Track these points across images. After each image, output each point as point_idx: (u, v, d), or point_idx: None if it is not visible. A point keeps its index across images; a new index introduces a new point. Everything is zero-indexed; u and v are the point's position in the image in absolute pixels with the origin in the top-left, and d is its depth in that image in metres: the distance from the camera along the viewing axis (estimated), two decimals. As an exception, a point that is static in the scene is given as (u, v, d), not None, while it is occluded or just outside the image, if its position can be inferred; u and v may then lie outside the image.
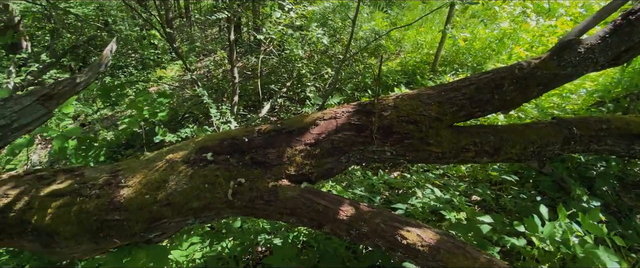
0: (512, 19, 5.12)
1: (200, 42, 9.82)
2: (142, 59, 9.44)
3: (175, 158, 1.47)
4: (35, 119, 1.20)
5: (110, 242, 1.41)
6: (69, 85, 1.18)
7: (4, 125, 1.15)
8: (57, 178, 1.45)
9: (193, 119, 5.33)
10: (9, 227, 1.37)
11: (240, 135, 1.53)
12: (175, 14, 12.10)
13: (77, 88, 1.27)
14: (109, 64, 1.69)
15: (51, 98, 1.10)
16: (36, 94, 1.08)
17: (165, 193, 1.37)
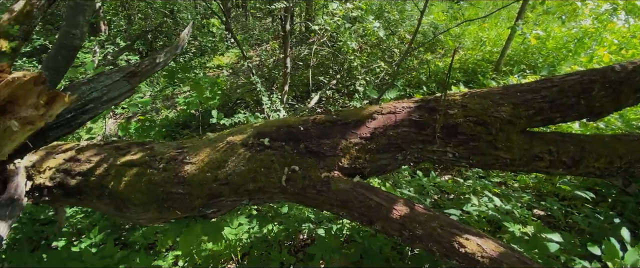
0: (595, 17, 4.52)
1: (255, 32, 10.16)
2: (200, 46, 10.06)
3: (235, 141, 1.52)
4: (121, 94, 1.33)
5: (173, 213, 1.52)
6: (151, 65, 1.28)
7: (96, 98, 1.29)
8: (131, 150, 1.60)
9: (244, 105, 5.57)
10: (89, 189, 1.54)
11: (296, 124, 1.54)
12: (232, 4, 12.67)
13: (157, 68, 1.38)
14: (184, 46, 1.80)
15: (135, 75, 1.21)
16: (124, 70, 1.19)
17: (225, 173, 1.43)
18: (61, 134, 1.31)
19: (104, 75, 1.17)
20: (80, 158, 1.60)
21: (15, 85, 0.73)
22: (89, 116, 1.34)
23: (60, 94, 0.78)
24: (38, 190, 1.62)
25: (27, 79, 0.73)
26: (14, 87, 0.73)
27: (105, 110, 1.39)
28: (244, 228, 2.19)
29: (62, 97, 0.79)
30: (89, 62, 3.43)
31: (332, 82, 4.09)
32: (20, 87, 0.74)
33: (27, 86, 0.75)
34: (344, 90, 4.21)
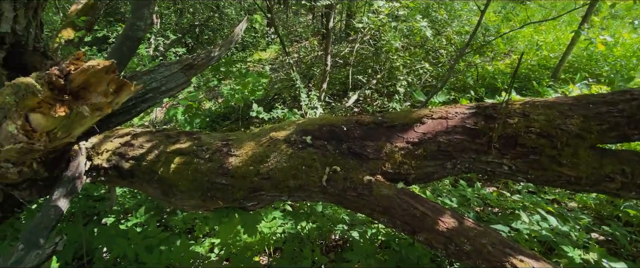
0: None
1: (295, 29, 10.28)
2: (242, 41, 10.38)
3: (278, 137, 1.53)
4: (178, 85, 1.39)
5: (215, 202, 1.56)
6: (206, 58, 1.32)
7: (155, 88, 1.36)
8: (180, 139, 1.66)
9: (281, 100, 5.65)
10: (141, 173, 1.63)
11: (339, 123, 1.52)
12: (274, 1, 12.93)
13: (212, 61, 1.43)
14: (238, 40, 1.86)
15: (192, 67, 1.26)
16: (181, 62, 1.25)
17: (267, 167, 1.44)
18: (122, 120, 1.40)
19: (164, 66, 1.22)
20: (134, 144, 1.69)
21: (89, 73, 0.78)
22: (147, 105, 1.41)
23: (127, 83, 0.82)
24: (95, 170, 1.74)
25: (100, 67, 0.78)
26: (88, 74, 0.78)
27: (161, 100, 1.47)
28: (277, 223, 2.21)
29: (128, 86, 0.83)
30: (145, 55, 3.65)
31: (372, 82, 4.01)
32: (94, 75, 0.79)
33: (100, 74, 0.80)
34: (384, 91, 4.11)
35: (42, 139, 0.92)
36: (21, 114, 0.81)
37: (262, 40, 10.17)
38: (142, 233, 2.20)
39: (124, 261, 2.15)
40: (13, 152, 0.94)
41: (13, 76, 1.12)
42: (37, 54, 1.11)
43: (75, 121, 0.92)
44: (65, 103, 0.80)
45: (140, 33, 1.42)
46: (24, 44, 1.05)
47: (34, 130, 0.89)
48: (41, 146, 0.92)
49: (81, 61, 0.81)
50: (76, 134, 1.02)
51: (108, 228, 2.38)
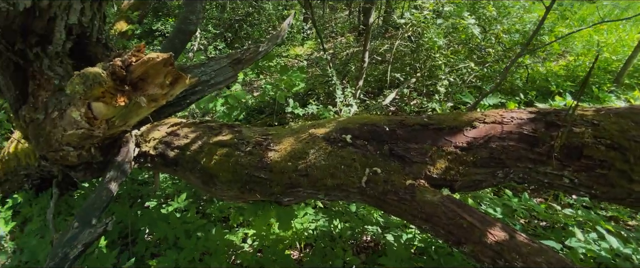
0: None
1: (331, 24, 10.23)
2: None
3: (317, 134, 1.51)
4: (226, 79, 1.42)
5: (252, 195, 1.58)
6: (254, 53, 1.34)
7: (205, 81, 1.40)
8: (222, 131, 1.70)
9: (315, 96, 5.66)
10: (185, 162, 1.69)
11: (381, 123, 1.47)
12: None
13: (259, 56, 1.45)
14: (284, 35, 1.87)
15: (240, 62, 1.28)
16: (230, 57, 1.27)
17: (305, 164, 1.43)
18: (173, 111, 1.45)
19: (214, 60, 1.26)
20: (179, 133, 1.76)
21: (149, 65, 0.81)
22: (197, 97, 1.45)
23: (182, 76, 0.84)
24: (143, 157, 1.84)
25: (159, 59, 0.80)
26: (147, 66, 0.81)
27: (209, 94, 1.51)
28: (309, 219, 2.21)
29: (184, 79, 0.86)
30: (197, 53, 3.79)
31: (411, 81, 3.87)
32: (152, 67, 0.82)
33: (158, 66, 0.82)
34: (423, 90, 3.96)
35: (102, 126, 0.98)
36: (84, 102, 0.87)
37: (297, 36, 10.23)
38: (181, 218, 2.30)
39: (164, 244, 2.26)
40: (75, 137, 1.01)
41: (77, 65, 1.20)
42: (100, 45, 1.18)
43: (132, 111, 0.96)
44: (125, 93, 0.84)
45: (192, 26, 1.47)
46: (89, 36, 1.12)
47: (95, 117, 0.94)
48: (100, 133, 0.97)
49: (142, 53, 0.84)
50: (132, 122, 1.07)
51: (151, 212, 2.52)
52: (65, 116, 1.07)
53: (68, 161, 1.34)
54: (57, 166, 1.48)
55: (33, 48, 1.02)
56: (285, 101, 2.68)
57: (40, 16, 0.95)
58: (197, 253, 1.97)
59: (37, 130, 1.27)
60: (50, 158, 1.38)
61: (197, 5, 1.44)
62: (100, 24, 1.12)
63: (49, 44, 1.04)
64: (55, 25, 0.98)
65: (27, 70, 1.16)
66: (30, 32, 0.98)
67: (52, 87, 1.17)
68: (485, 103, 2.20)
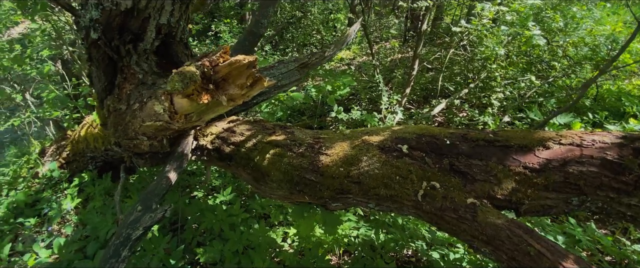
0: None
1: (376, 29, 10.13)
2: (322, 40, 10.63)
3: (371, 141, 1.49)
4: (291, 82, 1.46)
5: (301, 197, 1.60)
6: (320, 57, 1.36)
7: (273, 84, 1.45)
8: (276, 131, 1.74)
9: (357, 101, 5.62)
10: (239, 158, 1.75)
11: (441, 136, 1.41)
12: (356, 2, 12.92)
13: (325, 60, 1.47)
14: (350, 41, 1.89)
15: (306, 66, 1.31)
16: (298, 61, 1.30)
17: (357, 171, 1.41)
18: (240, 110, 1.52)
19: (282, 64, 1.30)
20: (235, 130, 1.83)
21: (234, 66, 0.85)
22: (263, 98, 1.51)
23: (262, 78, 0.87)
24: (200, 150, 1.94)
25: (245, 62, 0.84)
26: (232, 67, 0.85)
27: (276, 94, 1.56)
28: (350, 226, 2.19)
29: (262, 81, 0.89)
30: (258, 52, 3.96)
31: (463, 91, 3.69)
32: (237, 69, 0.86)
33: (242, 68, 0.86)
34: (475, 102, 3.75)
35: (180, 121, 1.04)
36: (168, 97, 0.93)
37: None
38: (227, 211, 2.40)
39: (209, 234, 2.37)
40: (151, 128, 1.09)
41: (159, 62, 1.29)
42: (181, 44, 1.27)
43: (210, 108, 1.01)
44: (209, 92, 0.89)
45: (262, 30, 1.53)
46: (174, 35, 1.21)
47: (175, 112, 1.01)
48: (177, 126, 1.04)
49: (227, 54, 0.88)
50: (206, 119, 1.13)
51: (198, 202, 2.65)
52: (145, 108, 1.16)
53: (139, 149, 1.45)
54: (127, 152, 1.61)
55: (126, 45, 1.12)
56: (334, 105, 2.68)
57: (136, 16, 1.04)
58: (240, 246, 2.04)
59: (117, 119, 1.39)
60: (124, 145, 1.51)
61: (269, 10, 1.49)
62: (184, 25, 1.20)
63: (140, 42, 1.13)
64: (148, 24, 1.08)
65: (117, 64, 1.28)
66: (126, 30, 1.08)
67: (137, 81, 1.28)
68: (555, 122, 2.02)
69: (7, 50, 3.27)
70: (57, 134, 4.00)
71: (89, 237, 2.63)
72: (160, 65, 1.25)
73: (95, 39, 1.05)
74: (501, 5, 3.03)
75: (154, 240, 2.05)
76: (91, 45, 1.12)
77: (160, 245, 2.00)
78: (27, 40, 4.38)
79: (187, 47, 1.32)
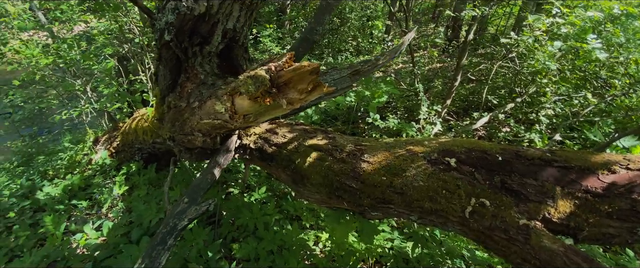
0: None
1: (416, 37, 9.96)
2: (358, 46, 10.62)
3: (416, 152, 1.46)
4: (342, 88, 1.49)
5: (339, 202, 1.60)
6: (372, 65, 1.37)
7: (324, 90, 1.49)
8: (317, 135, 1.77)
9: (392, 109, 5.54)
10: (280, 159, 1.80)
11: (492, 151, 1.35)
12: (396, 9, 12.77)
13: (376, 68, 1.48)
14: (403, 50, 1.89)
15: (358, 73, 1.33)
16: (351, 68, 1.33)
17: (401, 182, 1.39)
18: (290, 114, 1.56)
19: (335, 70, 1.33)
20: (277, 132, 1.88)
21: (297, 72, 0.89)
22: (313, 103, 1.54)
23: (322, 85, 0.90)
24: (242, 148, 2.01)
25: (309, 68, 0.87)
26: (296, 73, 0.88)
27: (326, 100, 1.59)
28: (384, 236, 2.15)
29: (322, 87, 0.91)
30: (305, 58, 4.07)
31: (509, 106, 3.50)
32: (299, 74, 0.89)
33: (305, 74, 0.89)
34: (521, 118, 3.55)
35: (239, 120, 1.09)
36: (229, 98, 0.98)
37: (378, 47, 10.19)
38: (262, 210, 2.46)
39: (245, 231, 2.44)
40: (208, 126, 1.16)
41: (220, 65, 1.37)
42: (242, 48, 1.34)
43: (268, 110, 1.06)
44: (272, 95, 0.93)
45: (316, 37, 1.58)
46: (237, 39, 1.28)
47: (236, 112, 1.06)
48: (233, 126, 1.10)
49: (291, 60, 0.92)
50: (262, 120, 1.18)
51: (236, 199, 2.74)
52: (204, 107, 1.23)
53: (192, 144, 1.54)
54: (178, 147, 1.71)
55: (194, 47, 1.21)
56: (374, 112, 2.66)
57: (207, 21, 1.12)
58: (274, 245, 2.07)
59: (176, 115, 1.49)
60: (178, 140, 1.61)
61: (325, 18, 1.53)
62: (247, 30, 1.27)
63: (206, 45, 1.21)
64: (216, 29, 1.15)
65: (182, 65, 1.37)
66: (196, 33, 1.16)
67: (198, 80, 1.36)
68: (618, 145, 1.86)
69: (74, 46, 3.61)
70: (110, 125, 4.33)
71: (133, 223, 2.81)
72: (220, 67, 1.32)
73: (168, 40, 1.14)
74: (556, 17, 2.86)
75: (194, 231, 2.14)
76: (163, 46, 1.22)
77: (200, 237, 2.09)
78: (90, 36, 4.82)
79: (246, 51, 1.39)
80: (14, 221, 3.15)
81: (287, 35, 9.75)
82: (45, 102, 4.48)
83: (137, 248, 2.17)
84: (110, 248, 2.43)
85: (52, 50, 3.41)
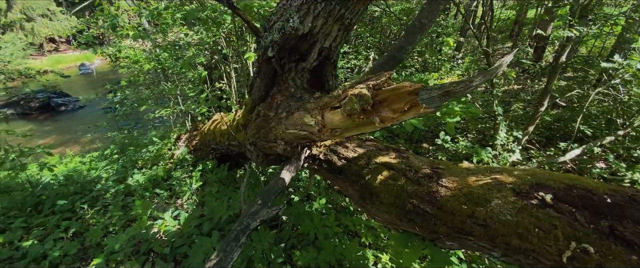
0: None
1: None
2: (424, 61, 10.28)
3: (504, 182, 1.35)
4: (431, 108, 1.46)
5: (410, 226, 1.54)
6: (465, 87, 1.33)
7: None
8: (389, 153, 1.74)
9: (461, 131, 5.21)
10: (350, 173, 1.81)
11: (599, 191, 1.18)
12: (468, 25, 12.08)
13: (469, 90, 1.43)
14: (500, 72, 1.81)
15: (449, 94, 1.29)
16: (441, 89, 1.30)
17: (484, 213, 1.30)
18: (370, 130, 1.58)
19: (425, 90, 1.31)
20: (347, 146, 1.90)
21: (395, 92, 0.90)
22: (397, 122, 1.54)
23: (418, 105, 0.90)
24: (311, 159, 2.07)
25: (410, 89, 0.88)
26: (394, 93, 0.90)
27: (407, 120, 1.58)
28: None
29: (419, 108, 0.91)
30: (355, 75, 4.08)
31: (607, 139, 3.03)
32: (397, 94, 0.91)
33: (403, 94, 0.91)
34: (622, 153, 3.04)
35: (327, 134, 1.14)
36: (320, 112, 1.04)
37: (446, 64, 9.75)
38: (322, 221, 2.49)
39: (304, 239, 2.49)
40: (292, 136, 1.23)
41: (311, 79, 1.46)
42: (332, 65, 1.41)
43: (358, 127, 1.09)
44: (366, 112, 0.96)
45: (403, 55, 1.60)
46: (330, 57, 1.35)
47: (324, 125, 1.11)
48: (319, 138, 1.15)
49: (390, 79, 0.94)
50: (348, 135, 1.22)
51: (297, 206, 2.82)
52: (291, 118, 1.31)
53: (271, 151, 1.64)
54: (257, 151, 1.83)
55: (290, 63, 1.31)
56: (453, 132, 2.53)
57: (307, 40, 1.21)
58: (334, 258, 2.07)
59: (262, 123, 1.61)
60: (259, 145, 1.73)
61: (417, 37, 1.54)
62: (339, 49, 1.33)
63: (302, 62, 1.31)
64: (314, 47, 1.23)
65: (276, 78, 1.49)
66: (294, 51, 1.26)
67: (288, 93, 1.47)
68: None
69: (172, 54, 4.17)
70: (192, 125, 4.84)
71: (204, 216, 3.07)
72: (309, 82, 1.40)
73: (270, 56, 1.26)
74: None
75: (260, 233, 2.25)
76: (264, 61, 1.34)
77: (265, 239, 2.19)
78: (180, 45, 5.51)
79: (335, 67, 1.46)
80: (109, 201, 3.67)
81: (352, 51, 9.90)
82: (141, 101, 5.21)
83: (209, 240, 2.36)
84: (185, 237, 2.68)
85: (154, 57, 3.98)
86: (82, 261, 2.75)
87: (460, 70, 9.28)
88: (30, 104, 14.72)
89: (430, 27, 1.92)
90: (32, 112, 14.70)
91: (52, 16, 24.52)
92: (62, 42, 25.46)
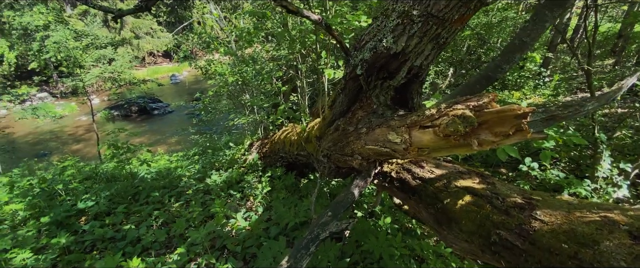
0: None
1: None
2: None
3: (616, 220, 1.16)
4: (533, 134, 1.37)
5: (494, 259, 1.41)
6: (573, 111, 1.21)
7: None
8: (471, 177, 1.63)
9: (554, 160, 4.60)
10: (425, 195, 1.74)
11: None
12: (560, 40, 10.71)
13: (579, 114, 1.30)
14: (618, 96, 1.63)
15: (553, 119, 1.19)
16: (547, 112, 1.21)
17: (592, 255, 1.12)
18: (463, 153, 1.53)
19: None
20: (423, 166, 1.84)
21: (500, 115, 0.87)
22: None
23: (525, 130, 0.84)
24: (382, 176, 2.04)
25: (518, 112, 0.84)
26: (499, 115, 0.86)
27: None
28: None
29: (525, 133, 0.85)
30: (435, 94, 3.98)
31: None
32: (503, 117, 0.87)
33: (509, 118, 0.86)
34: None
35: (413, 153, 1.13)
36: (407, 130, 1.04)
37: (530, 82, 8.79)
38: (388, 241, 2.42)
39: (368, 256, 2.44)
40: (371, 151, 1.24)
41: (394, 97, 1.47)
42: (419, 84, 1.41)
43: (451, 148, 1.06)
44: (464, 134, 0.93)
45: (499, 75, 1.52)
46: (419, 75, 1.36)
47: (411, 144, 1.11)
48: (402, 156, 1.14)
49: (494, 101, 0.91)
50: (436, 155, 1.19)
51: (362, 222, 2.79)
52: (372, 134, 1.33)
53: (346, 164, 1.67)
54: (330, 164, 1.89)
55: (377, 81, 1.35)
56: (548, 160, 2.25)
57: (398, 59, 1.23)
58: (400, 282, 1.99)
59: (340, 137, 1.67)
60: (333, 158, 1.78)
61: (516, 56, 1.46)
62: (430, 67, 1.33)
63: (390, 80, 1.33)
64: (403, 66, 1.25)
65: (360, 95, 1.54)
66: (383, 69, 1.30)
67: (370, 109, 1.50)
68: None
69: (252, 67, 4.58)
70: (263, 134, 5.20)
71: (270, 220, 3.22)
72: (393, 99, 1.41)
73: (358, 74, 1.31)
74: None
75: (326, 245, 2.28)
76: (351, 79, 1.40)
77: (331, 252, 2.21)
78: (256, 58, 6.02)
79: (422, 86, 1.44)
80: (191, 197, 4.10)
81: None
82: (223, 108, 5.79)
83: (277, 244, 2.47)
84: (254, 238, 2.84)
85: (237, 71, 4.42)
86: (167, 248, 3.10)
87: (548, 90, 8.27)
88: (132, 107, 17.49)
89: (532, 46, 1.76)
90: (132, 114, 17.44)
91: (154, 33, 28.93)
92: (159, 56, 29.76)
